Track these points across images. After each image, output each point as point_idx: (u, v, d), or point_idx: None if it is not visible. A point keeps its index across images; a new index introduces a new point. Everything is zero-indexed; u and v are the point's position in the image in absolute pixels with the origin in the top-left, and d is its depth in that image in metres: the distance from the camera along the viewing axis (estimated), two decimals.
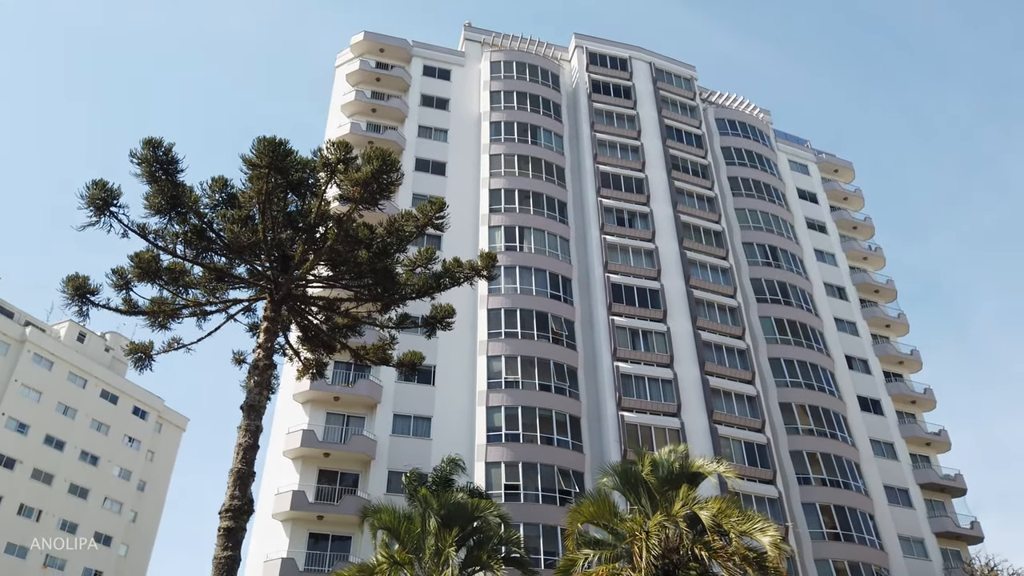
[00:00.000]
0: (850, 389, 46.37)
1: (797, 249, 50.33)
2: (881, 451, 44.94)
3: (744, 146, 53.79)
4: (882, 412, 46.97)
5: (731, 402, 41.18)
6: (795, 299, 46.89)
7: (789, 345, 44.57)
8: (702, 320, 43.50)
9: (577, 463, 36.38)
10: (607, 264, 44.00)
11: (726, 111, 56.04)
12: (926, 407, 49.56)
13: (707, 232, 48.23)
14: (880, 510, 41.38)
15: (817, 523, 38.63)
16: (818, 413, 42.30)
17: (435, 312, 19.51)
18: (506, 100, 49.07)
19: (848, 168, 60.63)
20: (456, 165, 46.74)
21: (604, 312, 42.23)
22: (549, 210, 44.91)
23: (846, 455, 41.42)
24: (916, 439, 46.94)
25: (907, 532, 41.78)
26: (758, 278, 47.27)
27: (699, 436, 38.77)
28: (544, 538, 33.27)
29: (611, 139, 50.03)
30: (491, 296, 40.79)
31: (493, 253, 20.45)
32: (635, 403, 39.08)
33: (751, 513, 19.11)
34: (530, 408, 37.21)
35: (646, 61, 55.49)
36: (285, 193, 17.58)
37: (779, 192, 52.80)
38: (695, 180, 50.32)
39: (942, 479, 45.39)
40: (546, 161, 46.86)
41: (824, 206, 56.73)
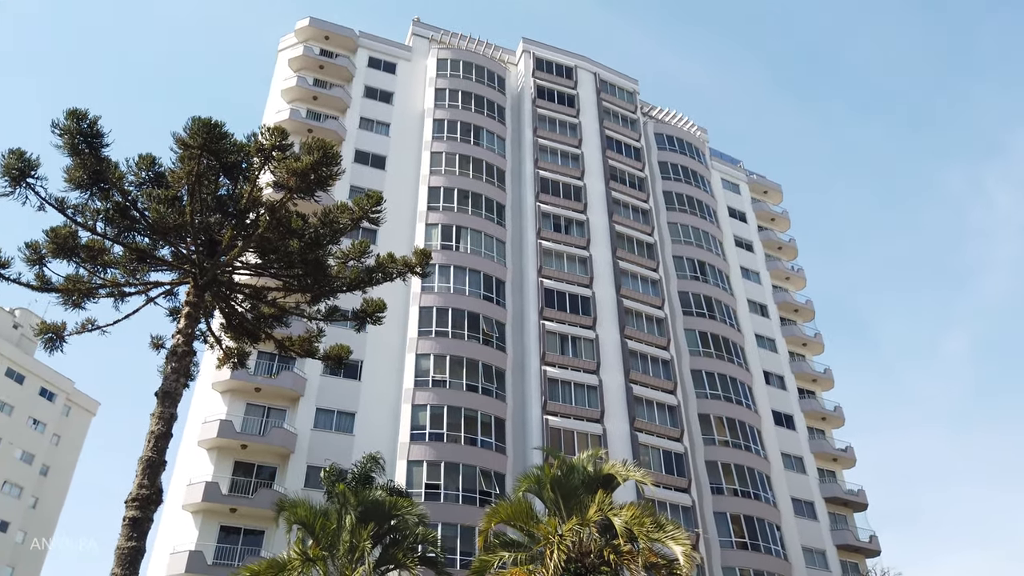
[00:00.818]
0: (766, 403, 48.05)
1: (724, 266, 51.85)
2: (791, 465, 46.74)
3: (680, 162, 55.11)
4: (794, 427, 48.85)
5: (653, 411, 42.12)
6: (720, 314, 48.29)
7: (711, 358, 45.87)
8: (630, 329, 44.36)
9: (499, 465, 36.56)
10: (541, 269, 44.40)
11: (665, 126, 57.32)
12: (835, 424, 51.78)
13: (640, 243, 49.21)
14: (787, 521, 43.01)
15: (727, 532, 39.88)
16: (735, 425, 43.67)
17: (366, 306, 19.34)
18: (451, 99, 48.96)
19: (777, 190, 62.83)
20: (396, 160, 46.38)
21: (535, 316, 42.59)
22: (487, 212, 45.02)
23: (758, 467, 42.89)
24: (824, 454, 48.98)
25: (810, 544, 43.57)
26: (686, 291, 48.49)
27: (620, 442, 39.51)
28: (462, 538, 33.32)
29: (553, 145, 50.52)
30: (424, 294, 40.61)
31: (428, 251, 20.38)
32: (560, 407, 39.54)
33: (664, 520, 19.62)
34: (456, 408, 37.21)
35: (591, 71, 56.25)
36: (217, 176, 17.14)
37: (711, 209, 54.30)
38: (632, 192, 51.28)
39: (846, 494, 47.50)
40: (487, 162, 46.96)
41: (752, 225, 58.62)
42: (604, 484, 20.29)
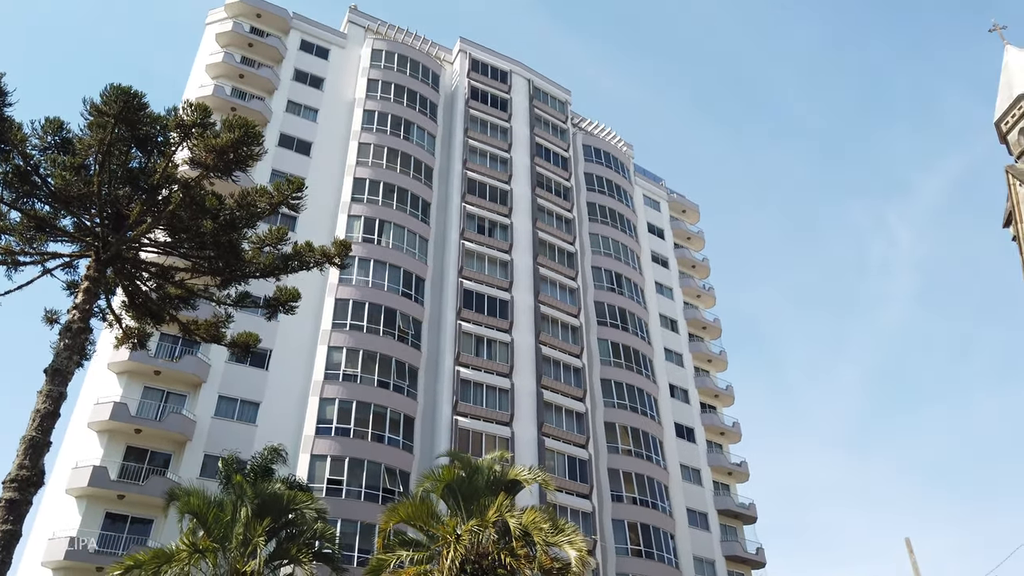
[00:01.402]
0: (670, 416, 49.53)
1: (640, 280, 53.19)
2: (689, 476, 48.35)
3: (606, 175, 56.23)
4: (695, 440, 50.56)
5: (561, 416, 42.78)
6: (632, 326, 49.49)
7: (621, 368, 46.95)
8: (545, 335, 44.92)
9: (405, 463, 36.34)
10: (462, 269, 44.43)
11: (593, 139, 58.37)
12: (733, 439, 53.88)
13: (561, 252, 49.91)
14: (681, 531, 44.43)
15: (623, 539, 40.88)
16: (639, 435, 44.83)
17: (279, 295, 18.93)
18: (383, 91, 48.42)
19: (695, 210, 64.92)
20: (322, 148, 45.49)
21: (453, 316, 42.58)
22: (412, 208, 44.72)
23: (658, 477, 44.16)
24: (720, 468, 50.89)
25: (701, 553, 45.17)
26: (602, 302, 49.48)
27: (527, 446, 39.95)
28: (361, 536, 32.93)
29: (482, 147, 50.66)
30: (341, 286, 39.98)
31: (348, 242, 20.12)
32: (470, 409, 39.65)
33: (563, 524, 19.98)
34: (365, 403, 36.77)
35: (526, 78, 56.72)
36: (129, 147, 16.46)
37: (631, 224, 55.61)
38: (557, 200, 51.97)
39: (738, 507, 49.47)
40: (416, 158, 46.66)
41: (669, 242, 60.36)
42: (508, 487, 20.49)
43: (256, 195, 17.53)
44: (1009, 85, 39.01)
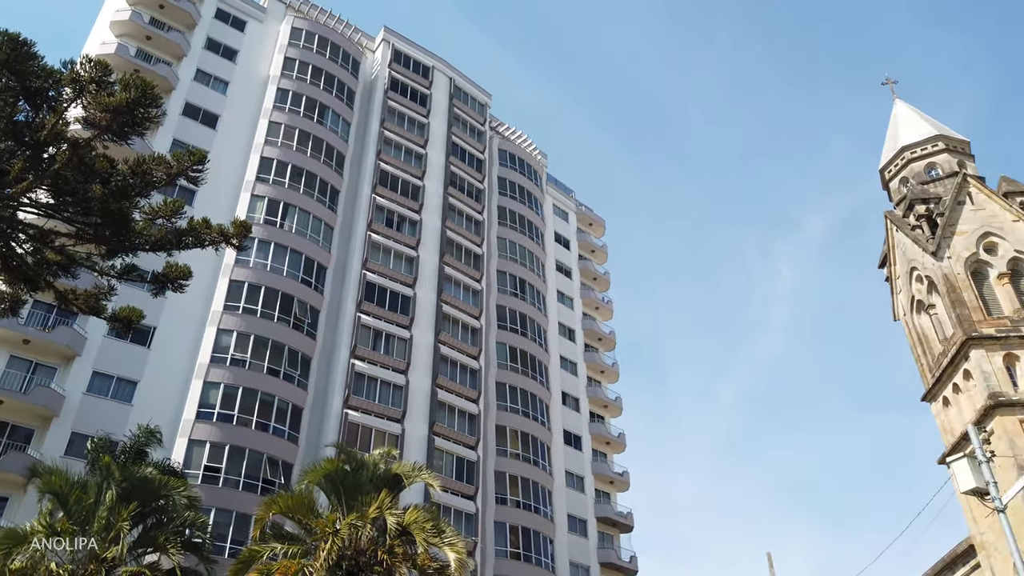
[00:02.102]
0: (560, 423, 50.43)
1: (543, 287, 53.95)
2: (573, 483, 49.37)
3: (519, 181, 56.75)
4: (581, 448, 51.68)
5: (454, 417, 42.82)
6: (532, 332, 50.12)
7: (517, 373, 47.45)
8: (445, 335, 44.86)
9: (289, 454, 35.42)
10: (367, 261, 43.78)
11: (510, 144, 58.81)
12: (617, 449, 55.42)
13: (468, 252, 49.98)
14: (560, 536, 45.28)
15: (504, 541, 41.31)
16: (528, 440, 45.42)
17: (169, 270, 18.10)
18: (300, 70, 47.11)
19: (601, 224, 66.45)
20: (230, 122, 43.78)
21: (352, 308, 41.89)
22: (320, 193, 43.70)
23: (543, 482, 44.87)
24: (603, 476, 52.25)
25: (578, 559, 46.20)
26: (504, 306, 49.87)
27: (416, 445, 39.76)
28: (236, 527, 31.84)
29: (398, 140, 50.12)
30: (237, 267, 38.60)
31: (249, 223, 19.45)
32: (362, 403, 39.10)
33: (445, 525, 20.01)
34: (252, 390, 35.61)
35: (448, 76, 56.54)
36: (16, 99, 15.35)
37: (539, 232, 56.35)
38: (468, 201, 52.03)
39: (616, 515, 50.92)
40: (328, 144, 45.63)
41: (574, 253, 61.51)
42: (392, 484, 20.32)
43: (153, 163, 16.70)
44: (895, 136, 42.10)
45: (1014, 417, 30.59)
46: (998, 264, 34.79)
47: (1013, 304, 33.82)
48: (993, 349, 32.39)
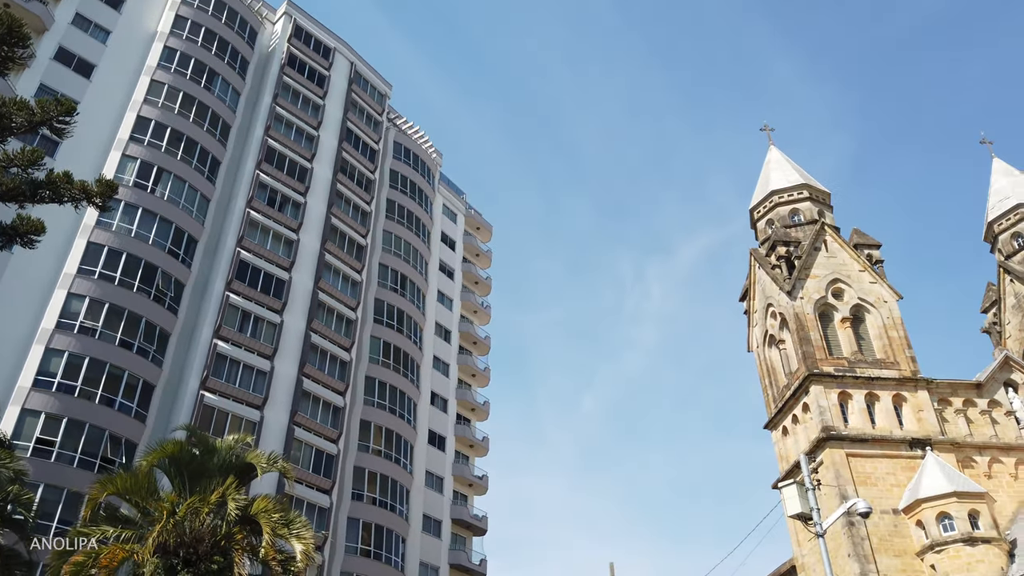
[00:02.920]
0: (426, 422, 50.28)
1: (424, 286, 53.71)
2: (432, 483, 49.32)
3: (411, 176, 56.27)
4: (444, 449, 51.73)
5: (318, 408, 41.79)
6: (408, 329, 49.75)
7: (388, 369, 46.92)
8: (318, 323, 43.75)
9: (134, 432, 33.37)
10: (243, 239, 42.04)
11: (405, 138, 58.24)
12: (480, 453, 55.93)
13: (351, 242, 49.02)
14: (413, 536, 45.10)
15: (355, 538, 40.68)
16: (392, 437, 44.99)
17: (19, 224, 16.72)
18: (191, 31, 44.67)
19: (488, 230, 67.01)
20: (107, 75, 40.87)
21: (222, 286, 40.10)
22: (199, 162, 41.57)
23: (402, 481, 44.56)
24: (463, 479, 52.55)
25: (429, 560, 46.18)
26: (382, 300, 49.23)
27: (275, 433, 38.51)
28: (67, 505, 29.64)
29: (290, 118, 48.50)
30: (98, 229, 36.06)
31: (115, 184, 18.31)
32: (221, 386, 37.47)
33: (295, 518, 19.46)
34: (100, 362, 33.31)
35: (349, 60, 55.35)
36: None
37: (427, 230, 56.10)
38: (357, 190, 51.04)
39: (471, 518, 51.33)
40: (214, 111, 43.50)
41: (459, 255, 61.63)
42: (242, 471, 19.57)
43: (13, 107, 15.44)
44: (767, 180, 45.09)
45: (842, 450, 33.49)
46: (843, 309, 38.00)
47: (851, 347, 37.02)
48: (831, 386, 35.32)
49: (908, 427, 34.47)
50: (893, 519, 32.08)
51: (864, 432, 34.05)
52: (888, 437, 33.94)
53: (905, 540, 31.64)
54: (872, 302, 37.96)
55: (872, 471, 33.18)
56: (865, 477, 32.94)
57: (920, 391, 35.26)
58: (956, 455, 33.64)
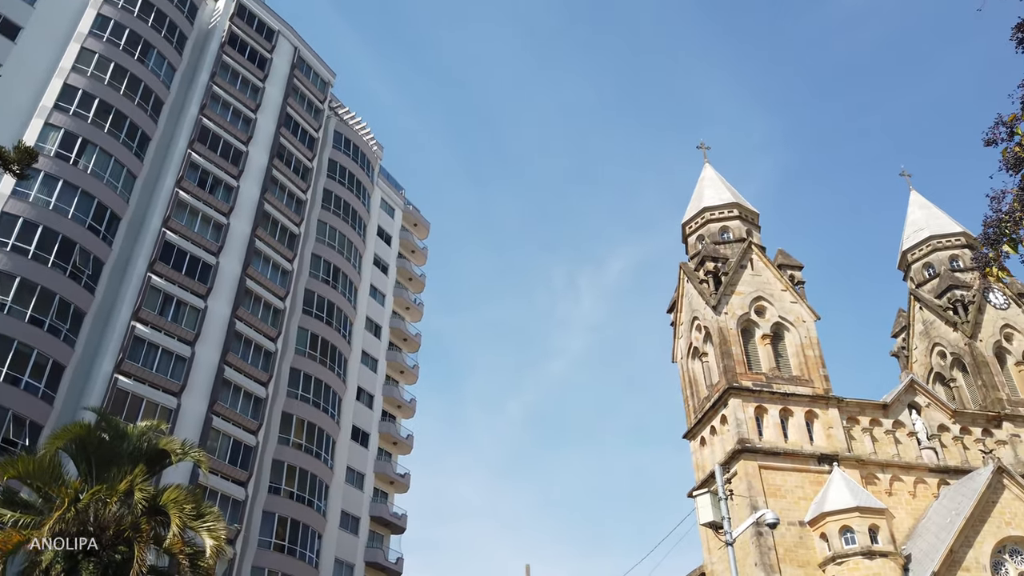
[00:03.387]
0: (350, 418, 49.60)
1: (357, 279, 53.01)
2: (353, 480, 48.69)
3: (350, 168, 55.49)
4: (368, 446, 51.14)
5: (238, 398, 40.75)
6: (337, 322, 49.00)
7: (315, 362, 46.11)
8: (244, 311, 42.67)
9: (40, 414, 31.84)
10: (169, 219, 40.66)
11: (347, 128, 57.42)
12: (404, 450, 55.52)
13: (284, 230, 47.99)
14: (330, 532, 44.42)
15: (270, 532, 39.81)
16: (314, 431, 44.22)
17: None
18: (127, 0, 42.99)
19: (426, 227, 66.65)
20: (34, 38, 38.93)
21: (144, 266, 38.70)
22: (127, 137, 40.00)
23: (322, 476, 43.83)
24: (384, 476, 52.06)
25: (344, 556, 45.53)
26: (312, 291, 48.35)
27: (192, 422, 37.36)
28: None
29: (227, 99, 47.18)
30: (13, 199, 34.34)
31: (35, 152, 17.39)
32: (137, 370, 36.14)
33: (208, 509, 18.93)
34: (7, 338, 31.72)
35: (294, 44, 54.23)
36: None
37: (363, 223, 55.40)
38: (293, 177, 50.03)
39: (391, 516, 50.88)
40: (147, 85, 41.95)
41: (394, 251, 61.07)
42: (153, 459, 18.91)
43: None
44: (700, 197, 46.30)
45: (755, 462, 34.64)
46: (764, 326, 39.33)
47: (770, 363, 38.36)
48: (748, 400, 36.50)
49: (818, 442, 35.90)
50: (799, 531, 33.36)
51: (777, 446, 35.29)
52: (799, 451, 35.28)
53: (809, 551, 32.94)
54: (792, 321, 39.41)
55: (782, 483, 34.43)
56: (775, 489, 34.14)
57: (831, 409, 36.77)
58: (861, 471, 35.21)
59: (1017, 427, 38.08)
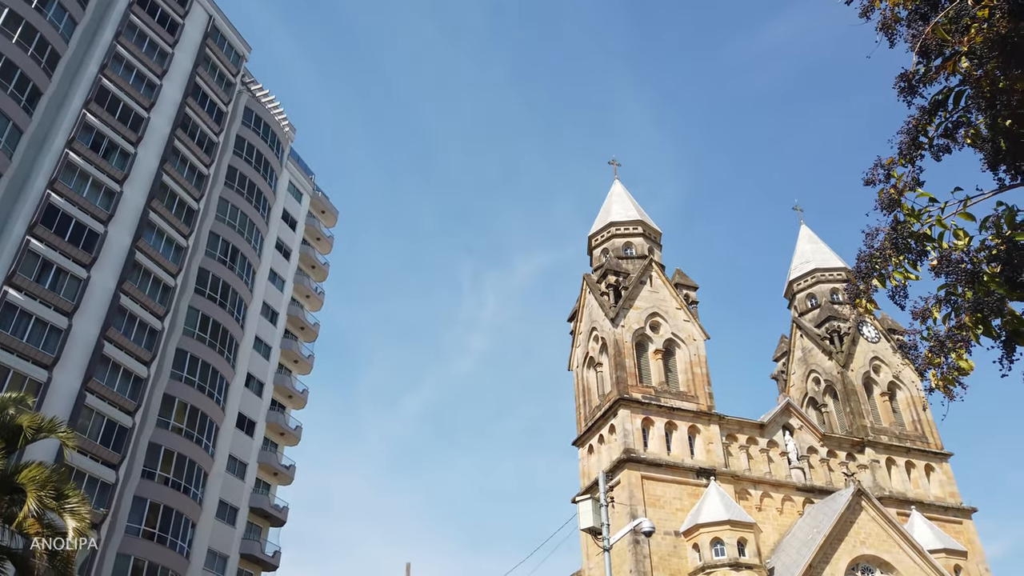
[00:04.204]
0: (236, 405, 47.82)
1: (257, 263, 51.29)
2: (234, 469, 46.98)
3: (259, 146, 53.66)
4: (253, 435, 49.47)
5: (116, 376, 38.62)
6: (231, 305, 47.23)
7: (203, 344, 44.27)
8: (130, 285, 40.51)
9: None
10: (55, 181, 38.14)
11: (258, 105, 55.54)
12: (291, 442, 54.08)
13: (182, 205, 45.89)
14: (205, 522, 42.66)
15: (139, 519, 37.86)
16: (196, 416, 42.42)
17: None
18: None
19: (334, 215, 65.27)
20: None
21: (23, 229, 36.16)
22: (16, 89, 37.26)
23: (201, 463, 42.08)
24: (268, 467, 50.54)
25: (219, 547, 43.86)
26: (207, 270, 46.43)
27: (63, 398, 35.15)
28: None
29: (131, 60, 44.72)
30: None
31: None
32: (6, 338, 33.79)
33: (72, 491, 17.83)
34: None
35: (208, 12, 52.01)
36: None
37: (267, 205, 53.68)
38: (196, 150, 47.93)
39: (271, 508, 49.42)
40: (43, 36, 39.20)
41: (299, 236, 59.48)
42: (13, 435, 17.65)
43: None
44: (608, 211, 47.49)
45: (638, 472, 35.82)
46: (657, 341, 40.74)
47: (660, 377, 39.76)
48: (637, 411, 37.70)
49: (698, 456, 37.49)
50: (674, 540, 34.71)
51: (660, 457, 36.63)
52: (680, 464, 36.74)
53: (682, 560, 34.32)
54: (683, 339, 41.00)
55: (662, 494, 35.75)
56: (655, 499, 35.42)
57: (712, 425, 38.49)
58: (735, 486, 37.01)
59: (878, 453, 41.00)
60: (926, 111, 4.47)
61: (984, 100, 3.87)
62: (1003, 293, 3.89)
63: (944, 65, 3.95)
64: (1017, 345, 4.15)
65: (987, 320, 4.05)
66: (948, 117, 4.43)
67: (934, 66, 4.02)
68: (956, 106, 4.36)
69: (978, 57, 3.65)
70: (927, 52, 4.06)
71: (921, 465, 41.54)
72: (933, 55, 4.11)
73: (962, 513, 40.27)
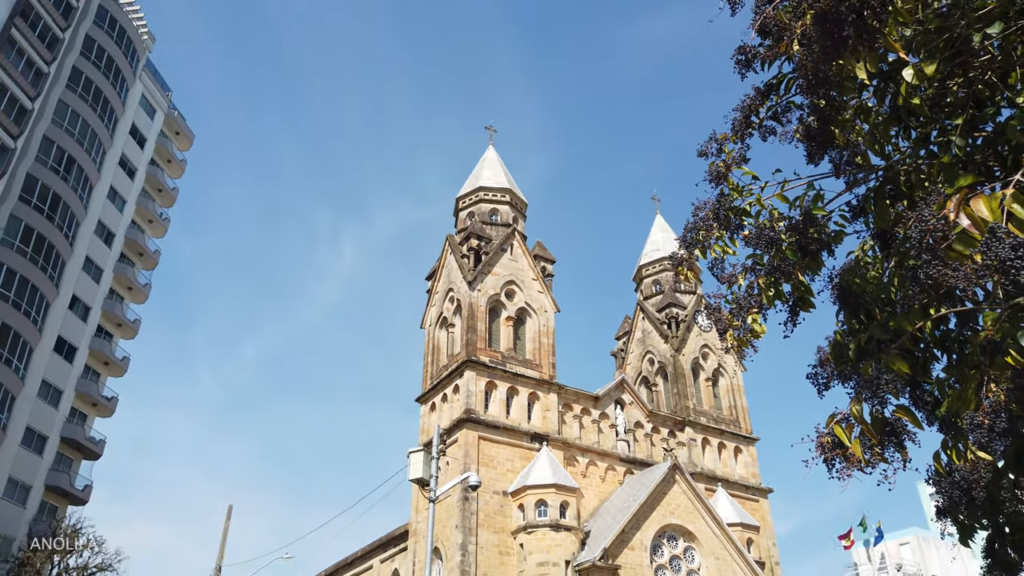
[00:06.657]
0: (57, 327, 44.09)
1: (95, 177, 47.14)
2: (47, 395, 43.38)
3: (110, 51, 49.03)
4: (73, 361, 45.82)
5: None
6: (61, 220, 43.24)
7: (23, 257, 40.33)
8: None
9: None
10: None
11: (114, 6, 50.59)
12: (116, 372, 50.67)
13: (14, 101, 41.26)
14: (8, 448, 39.26)
15: None
16: (8, 335, 38.74)
17: None
18: None
19: (189, 138, 61.05)
20: None
21: None
22: None
23: (9, 385, 38.57)
24: (87, 397, 47.14)
25: (20, 476, 40.52)
26: (36, 178, 42.16)
27: None
28: None
29: None
30: None
31: None
32: None
33: None
34: None
35: None
36: None
37: (114, 115, 49.33)
38: (37, 44, 43.11)
39: (86, 440, 46.22)
40: None
41: (147, 156, 55.17)
42: None
43: None
44: (478, 176, 47.66)
45: (476, 433, 36.66)
46: (510, 308, 41.63)
47: (508, 343, 40.72)
48: (482, 374, 38.45)
49: (535, 422, 38.88)
50: (502, 500, 35.93)
51: (499, 420, 37.64)
52: (517, 428, 37.95)
53: (507, 519, 35.63)
54: (535, 308, 42.14)
55: (496, 455, 36.82)
56: (489, 459, 36.43)
57: (552, 393, 39.98)
58: (565, 453, 38.76)
59: (696, 433, 44.27)
60: (760, 92, 4.88)
61: (807, 84, 4.26)
62: (795, 260, 4.36)
63: (778, 46, 4.31)
64: (800, 311, 4.66)
65: (779, 284, 4.52)
66: (779, 102, 4.85)
67: (766, 44, 4.38)
68: (788, 92, 4.79)
69: (807, 40, 4.01)
70: (767, 33, 4.41)
71: (731, 447, 45.31)
72: (773, 37, 4.47)
73: (760, 492, 44.42)
